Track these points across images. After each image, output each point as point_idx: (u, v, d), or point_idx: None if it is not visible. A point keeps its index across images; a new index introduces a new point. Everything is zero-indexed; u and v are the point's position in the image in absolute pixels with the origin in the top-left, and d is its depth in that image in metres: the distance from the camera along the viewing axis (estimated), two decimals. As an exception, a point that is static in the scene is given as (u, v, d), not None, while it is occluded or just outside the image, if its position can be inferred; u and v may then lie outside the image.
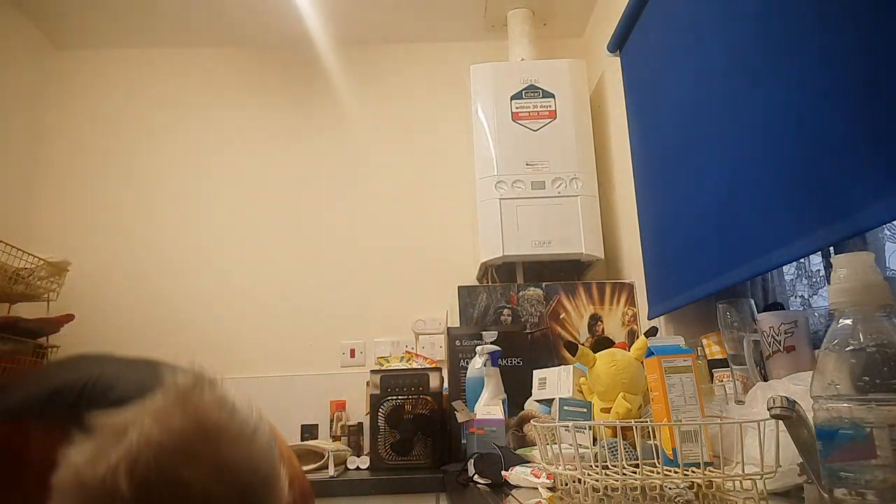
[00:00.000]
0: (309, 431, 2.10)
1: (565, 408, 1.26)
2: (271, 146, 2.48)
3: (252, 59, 2.59)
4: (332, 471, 1.60)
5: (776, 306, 1.36)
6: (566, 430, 1.02)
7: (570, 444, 0.88)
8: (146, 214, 2.40)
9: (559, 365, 1.68)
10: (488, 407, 1.52)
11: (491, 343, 1.74)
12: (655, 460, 0.84)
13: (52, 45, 2.53)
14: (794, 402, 0.69)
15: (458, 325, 1.95)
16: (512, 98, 2.15)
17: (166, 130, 2.50)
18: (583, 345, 1.55)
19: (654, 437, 0.88)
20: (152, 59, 2.57)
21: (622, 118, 2.01)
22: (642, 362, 1.38)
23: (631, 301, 1.96)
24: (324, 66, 2.57)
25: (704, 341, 1.45)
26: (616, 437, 1.06)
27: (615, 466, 0.87)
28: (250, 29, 2.49)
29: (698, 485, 0.83)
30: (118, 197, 2.42)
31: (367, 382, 1.88)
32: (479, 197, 2.09)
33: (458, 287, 2.00)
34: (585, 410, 1.25)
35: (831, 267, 0.80)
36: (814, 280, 1.48)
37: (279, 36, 2.52)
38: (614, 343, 1.52)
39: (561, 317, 1.95)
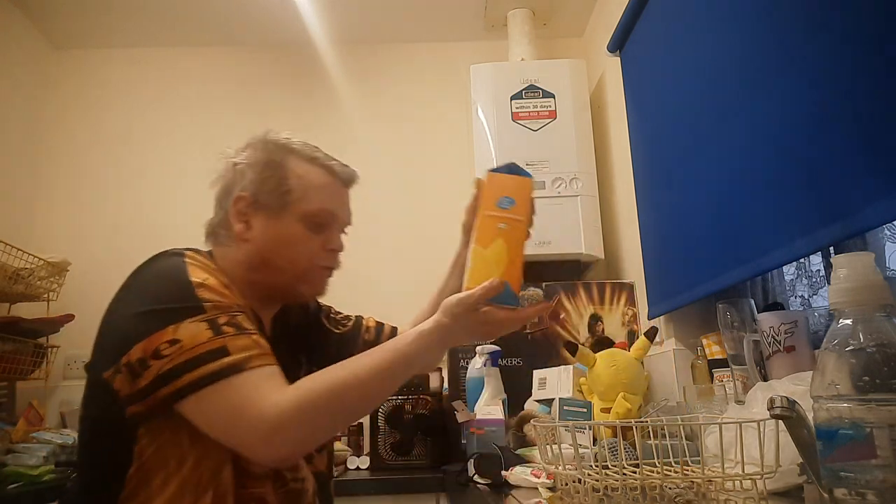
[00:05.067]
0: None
1: (565, 408, 1.27)
2: (271, 146, 2.48)
3: (252, 59, 2.59)
4: (332, 471, 1.60)
5: (776, 306, 1.36)
6: (566, 430, 1.02)
7: (570, 444, 0.88)
8: (146, 214, 2.40)
9: (559, 365, 1.69)
10: (488, 407, 1.52)
11: (491, 343, 1.74)
12: (655, 460, 0.84)
13: (51, 45, 2.53)
14: (794, 402, 0.69)
15: (458, 325, 1.95)
16: (512, 98, 2.15)
17: (166, 130, 2.50)
18: (583, 345, 1.55)
19: (655, 437, 0.88)
20: (152, 59, 2.57)
21: (622, 118, 2.00)
22: (642, 362, 1.38)
23: (631, 301, 1.96)
24: (324, 66, 2.57)
25: (704, 341, 1.45)
26: (616, 437, 1.06)
27: (615, 466, 0.87)
28: (250, 29, 2.49)
29: (698, 484, 0.83)
30: (118, 196, 2.42)
31: (367, 382, 1.88)
32: (479, 197, 2.09)
33: (458, 287, 2.00)
34: (585, 410, 1.26)
35: (831, 267, 0.80)
36: (814, 280, 1.48)
37: (279, 36, 2.52)
38: (614, 343, 1.52)
39: (561, 317, 1.95)
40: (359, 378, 0.83)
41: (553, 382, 1.62)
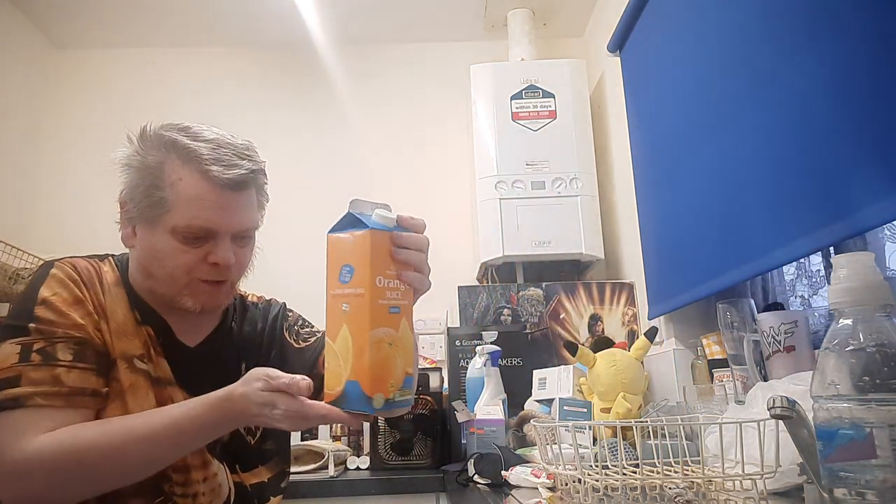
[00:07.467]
0: (309, 431, 2.10)
1: (565, 408, 1.27)
2: (270, 146, 2.47)
3: (252, 59, 2.59)
4: (332, 471, 1.60)
5: (776, 306, 1.36)
6: (566, 430, 1.02)
7: (570, 444, 0.88)
8: (146, 214, 2.40)
9: (559, 365, 1.69)
10: (488, 407, 1.52)
11: (491, 343, 1.74)
12: (655, 460, 0.84)
13: (51, 45, 2.53)
14: (794, 402, 0.69)
15: (458, 325, 1.95)
16: (512, 98, 2.15)
17: (166, 130, 2.50)
18: (583, 345, 1.55)
19: (655, 437, 0.88)
20: (152, 59, 2.57)
21: (622, 118, 2.00)
22: (642, 362, 1.38)
23: (631, 301, 1.96)
24: (324, 66, 2.57)
25: (704, 341, 1.45)
26: (616, 437, 1.06)
27: (615, 466, 0.87)
28: (250, 29, 2.49)
29: (698, 484, 0.83)
30: (118, 197, 2.42)
31: (367, 382, 1.88)
32: (479, 197, 2.09)
33: (458, 287, 2.00)
34: (585, 410, 1.26)
35: (831, 267, 0.80)
36: (814, 280, 1.48)
37: (279, 36, 2.52)
38: (614, 343, 1.51)
39: (561, 317, 1.95)
40: (114, 442, 0.76)
41: (553, 382, 1.62)
